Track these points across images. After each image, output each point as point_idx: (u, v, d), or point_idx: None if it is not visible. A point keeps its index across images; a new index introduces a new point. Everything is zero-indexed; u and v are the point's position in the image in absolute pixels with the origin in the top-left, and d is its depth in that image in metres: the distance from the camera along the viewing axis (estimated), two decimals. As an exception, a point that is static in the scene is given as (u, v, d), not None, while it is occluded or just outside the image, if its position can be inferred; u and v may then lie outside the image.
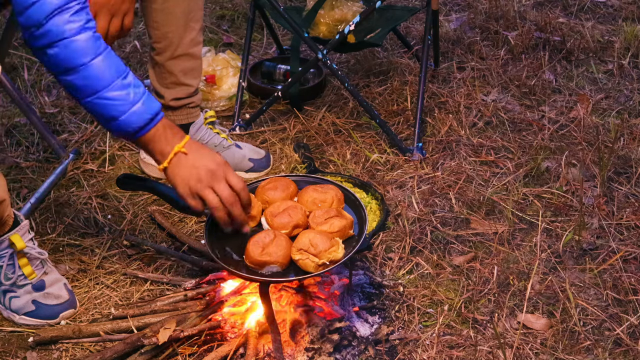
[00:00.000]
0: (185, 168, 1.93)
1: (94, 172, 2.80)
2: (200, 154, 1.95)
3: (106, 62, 1.86)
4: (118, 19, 2.13)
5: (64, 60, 1.83)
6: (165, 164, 1.93)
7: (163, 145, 1.93)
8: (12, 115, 3.07)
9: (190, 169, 1.93)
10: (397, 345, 2.08)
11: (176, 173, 1.94)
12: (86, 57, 1.84)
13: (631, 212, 2.52)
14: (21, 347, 2.14)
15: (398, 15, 3.15)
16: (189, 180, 1.93)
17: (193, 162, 1.94)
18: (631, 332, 2.11)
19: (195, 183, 1.93)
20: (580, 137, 2.88)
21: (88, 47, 1.84)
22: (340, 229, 1.98)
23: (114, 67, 1.87)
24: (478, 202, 2.59)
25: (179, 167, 1.93)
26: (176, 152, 1.93)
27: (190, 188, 1.93)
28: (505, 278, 2.29)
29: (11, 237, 2.15)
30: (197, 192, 1.93)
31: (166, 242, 2.49)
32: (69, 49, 1.82)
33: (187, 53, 2.61)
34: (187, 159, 1.94)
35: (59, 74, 1.87)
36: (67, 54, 1.83)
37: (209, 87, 3.18)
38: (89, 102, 1.87)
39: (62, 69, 1.85)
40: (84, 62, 1.83)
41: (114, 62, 1.88)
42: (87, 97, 1.86)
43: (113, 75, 1.87)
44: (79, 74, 1.84)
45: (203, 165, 1.93)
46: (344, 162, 2.81)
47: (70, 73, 1.84)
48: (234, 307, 2.13)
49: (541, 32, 3.56)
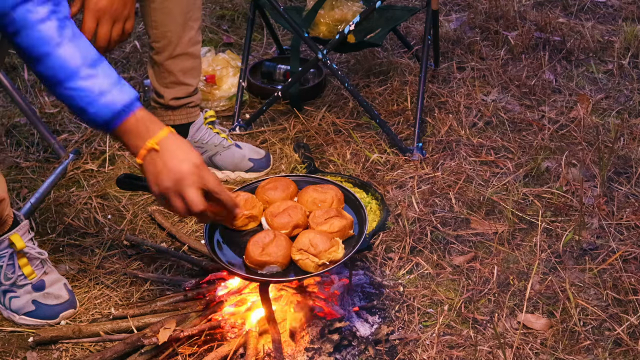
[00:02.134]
0: (156, 167, 1.81)
1: (94, 172, 2.80)
2: (173, 153, 1.81)
3: (72, 49, 1.80)
4: (120, 25, 2.13)
5: (28, 49, 1.80)
6: (139, 160, 1.83)
7: (136, 139, 1.82)
8: (12, 115, 3.07)
9: (161, 168, 1.81)
10: (397, 345, 2.08)
11: (148, 170, 1.83)
12: (48, 46, 1.79)
13: (631, 212, 2.52)
14: (21, 347, 2.14)
15: (398, 15, 3.15)
16: (158, 181, 1.81)
17: (165, 161, 1.81)
18: (631, 332, 2.11)
19: (164, 186, 1.81)
20: (580, 137, 2.88)
21: (51, 36, 1.79)
22: (340, 229, 1.98)
23: (79, 56, 1.80)
24: (478, 202, 2.59)
25: (150, 165, 1.82)
26: (148, 148, 1.81)
27: (159, 190, 1.82)
28: (505, 278, 2.29)
29: (11, 237, 2.15)
30: (164, 195, 1.82)
31: (166, 242, 2.49)
32: (32, 37, 1.79)
33: (186, 52, 2.61)
34: (159, 156, 1.81)
35: (29, 63, 1.83)
36: (30, 42, 1.79)
37: (209, 87, 3.18)
38: (59, 94, 1.82)
39: (28, 59, 1.81)
40: (47, 51, 1.79)
41: (82, 51, 1.81)
42: (56, 88, 1.81)
43: (78, 64, 1.80)
44: (44, 64, 1.80)
45: (174, 167, 1.80)
46: (344, 162, 2.81)
47: (37, 63, 1.80)
48: (234, 307, 2.13)
49: (541, 32, 3.56)
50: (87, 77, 1.80)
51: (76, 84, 1.80)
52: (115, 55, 3.52)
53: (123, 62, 3.48)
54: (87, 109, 1.81)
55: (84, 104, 1.81)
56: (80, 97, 1.80)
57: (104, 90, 1.80)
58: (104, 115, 1.81)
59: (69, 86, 1.80)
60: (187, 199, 1.80)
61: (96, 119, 1.82)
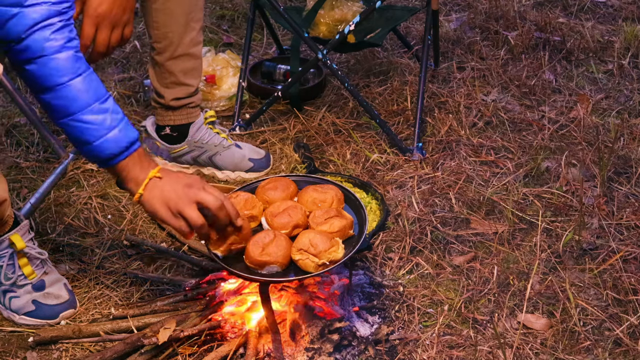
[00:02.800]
0: (162, 190, 1.85)
1: (94, 172, 2.80)
2: (174, 176, 1.88)
3: (85, 84, 1.81)
4: (119, 30, 2.13)
5: (41, 78, 1.79)
6: (141, 191, 1.85)
7: (137, 173, 1.86)
8: (12, 115, 3.07)
9: (167, 189, 1.85)
10: (397, 345, 2.08)
11: (153, 196, 1.85)
12: (64, 77, 1.79)
13: (631, 212, 2.52)
14: (21, 347, 2.14)
15: (398, 15, 3.15)
16: (168, 200, 1.84)
17: (169, 183, 1.86)
18: (631, 332, 2.11)
19: (175, 202, 1.84)
20: (580, 137, 2.88)
21: (67, 67, 1.79)
22: (340, 229, 1.98)
23: (92, 90, 1.82)
24: (478, 202, 2.59)
25: (155, 190, 1.85)
26: (151, 177, 1.86)
27: (170, 208, 1.85)
28: (505, 278, 2.29)
29: (11, 237, 2.15)
30: (178, 210, 1.84)
31: (166, 242, 2.49)
32: (47, 67, 1.78)
33: (187, 53, 2.61)
34: (163, 182, 1.86)
35: (37, 92, 1.82)
36: (44, 72, 1.78)
37: (209, 87, 3.18)
38: (64, 124, 1.83)
39: (38, 87, 1.81)
40: (62, 82, 1.79)
41: (94, 85, 1.83)
42: (63, 119, 1.82)
43: (91, 98, 1.81)
44: (56, 94, 1.80)
45: (179, 183, 1.86)
46: (344, 162, 2.81)
47: (47, 92, 1.80)
48: (234, 307, 2.13)
49: (541, 32, 3.56)
50: (98, 111, 1.82)
51: (88, 117, 1.82)
52: (115, 55, 3.52)
53: (123, 62, 3.49)
54: (93, 142, 1.83)
55: (91, 137, 1.83)
56: (89, 130, 1.82)
57: (114, 126, 1.84)
58: (109, 150, 1.84)
59: (79, 118, 1.82)
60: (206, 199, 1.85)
61: (99, 154, 1.84)
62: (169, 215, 1.85)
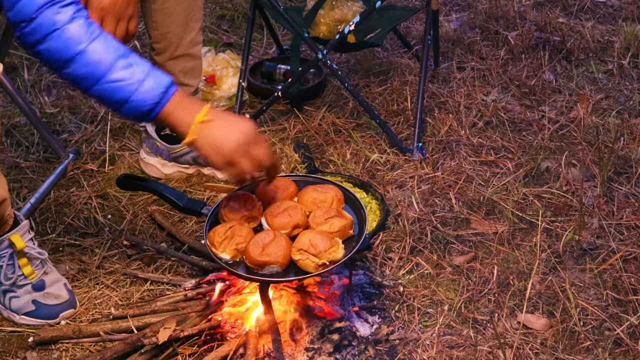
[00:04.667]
0: (216, 136, 1.84)
1: (94, 172, 2.80)
2: (226, 119, 1.86)
3: (103, 45, 1.82)
4: (124, 24, 2.13)
5: (59, 52, 1.80)
6: (192, 136, 1.84)
7: (184, 116, 1.84)
8: (12, 115, 3.07)
9: (220, 136, 1.85)
10: (397, 345, 2.08)
11: (206, 143, 1.85)
12: (82, 44, 1.80)
13: (631, 212, 2.52)
14: (21, 347, 2.14)
15: (398, 15, 3.15)
16: (223, 148, 1.84)
17: (223, 128, 1.85)
18: (631, 332, 2.11)
19: (230, 150, 1.84)
20: (580, 137, 2.88)
21: (82, 34, 1.80)
22: (340, 229, 1.98)
23: (112, 49, 1.82)
24: (478, 202, 2.59)
25: (207, 137, 1.84)
26: (201, 120, 1.84)
27: (224, 157, 1.85)
28: (505, 278, 2.29)
29: (11, 237, 2.15)
30: (232, 160, 1.85)
31: (166, 242, 2.49)
32: (62, 39, 1.79)
33: (187, 53, 2.61)
34: (214, 126, 1.85)
35: (59, 69, 1.83)
36: (60, 44, 1.79)
37: (209, 87, 3.18)
38: (97, 90, 1.82)
39: (61, 62, 1.81)
40: (80, 50, 1.80)
41: (112, 44, 1.83)
42: (94, 86, 1.82)
43: (112, 57, 1.82)
44: (78, 63, 1.80)
45: (232, 129, 1.85)
46: (344, 162, 2.81)
47: (70, 64, 1.81)
48: (234, 307, 2.13)
49: (541, 32, 3.56)
50: (125, 66, 1.82)
51: (116, 75, 1.81)
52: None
53: (123, 62, 3.48)
54: (130, 98, 1.81)
55: (127, 93, 1.81)
56: (122, 87, 1.81)
57: (144, 77, 1.83)
58: (149, 100, 1.82)
59: (108, 79, 1.81)
60: (260, 154, 1.87)
61: (141, 107, 1.83)
62: (222, 163, 1.86)
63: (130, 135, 2.99)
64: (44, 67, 3.36)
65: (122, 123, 3.04)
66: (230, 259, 1.95)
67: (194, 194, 2.69)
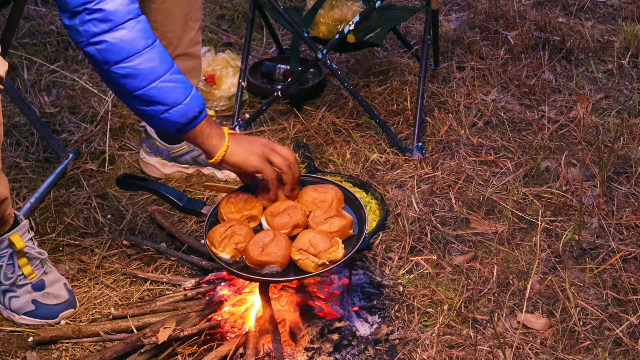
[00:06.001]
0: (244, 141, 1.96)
1: (94, 172, 2.80)
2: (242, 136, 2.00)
3: (162, 45, 1.85)
4: None
5: (130, 43, 1.78)
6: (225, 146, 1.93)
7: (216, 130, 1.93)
8: (12, 115, 3.07)
9: (247, 142, 1.96)
10: (397, 345, 2.08)
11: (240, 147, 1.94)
12: (150, 39, 1.80)
13: (631, 212, 2.52)
14: (21, 347, 2.15)
15: (398, 15, 3.15)
16: (254, 150, 1.95)
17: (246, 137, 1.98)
18: (631, 332, 2.11)
19: (261, 149, 1.95)
20: (580, 137, 2.88)
21: (149, 29, 1.81)
22: (340, 229, 1.98)
23: (167, 52, 1.86)
24: (478, 202, 2.59)
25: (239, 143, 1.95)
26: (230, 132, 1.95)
27: (259, 155, 1.95)
28: (505, 278, 2.29)
29: (11, 237, 2.15)
30: (266, 156, 1.95)
31: (166, 242, 2.49)
32: (135, 30, 1.78)
33: (187, 53, 2.61)
34: (239, 136, 1.97)
35: (119, 62, 1.79)
36: (133, 36, 1.77)
37: (209, 87, 3.18)
38: (153, 89, 1.81)
39: (124, 55, 1.78)
40: (149, 44, 1.80)
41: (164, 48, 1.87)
42: (152, 83, 1.81)
43: (170, 58, 1.85)
44: (145, 57, 1.79)
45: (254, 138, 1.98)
46: (344, 162, 2.81)
47: (136, 57, 1.79)
48: (234, 307, 2.13)
49: (541, 32, 3.56)
50: (179, 71, 1.86)
51: (176, 76, 1.84)
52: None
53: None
54: (184, 101, 1.84)
55: (182, 95, 1.84)
56: (179, 89, 1.84)
57: (192, 85, 1.88)
58: (196, 107, 1.87)
59: (168, 79, 1.82)
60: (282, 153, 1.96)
61: (188, 112, 1.86)
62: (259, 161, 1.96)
63: (130, 135, 2.99)
64: (44, 67, 3.36)
65: (122, 123, 3.04)
66: (230, 259, 1.95)
67: (194, 194, 2.69)
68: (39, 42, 3.62)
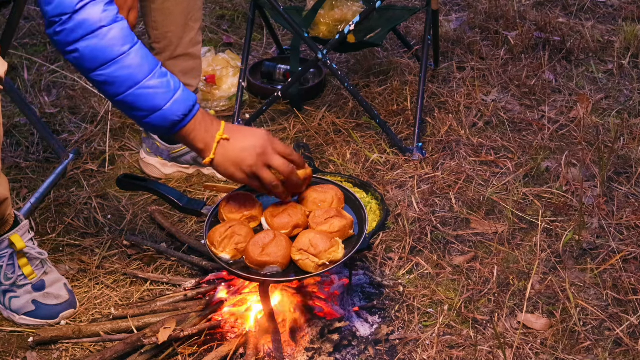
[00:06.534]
0: (234, 153, 1.89)
1: (94, 172, 2.80)
2: (242, 135, 1.90)
3: (143, 50, 1.82)
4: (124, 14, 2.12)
5: (102, 51, 1.77)
6: (212, 156, 1.89)
7: (203, 135, 1.88)
8: (12, 115, 3.07)
9: (238, 153, 1.89)
10: (397, 345, 2.08)
11: (226, 160, 1.89)
12: (126, 45, 1.79)
13: (631, 212, 2.52)
14: (21, 347, 2.15)
15: (398, 15, 3.15)
16: (242, 164, 1.89)
17: (238, 145, 1.89)
18: (631, 332, 2.11)
19: (249, 165, 1.89)
20: (580, 137, 2.88)
21: (126, 35, 1.79)
22: (340, 229, 1.98)
23: (150, 56, 1.83)
24: (478, 202, 2.59)
25: (227, 155, 1.89)
26: (218, 140, 1.88)
27: (245, 172, 1.90)
28: (505, 278, 2.29)
29: (11, 237, 2.15)
30: (253, 173, 1.90)
31: (166, 242, 2.49)
32: (107, 37, 1.77)
33: (187, 53, 2.61)
34: (232, 144, 1.89)
35: (94, 69, 1.80)
36: (104, 43, 1.77)
37: (209, 87, 3.18)
38: (130, 95, 1.81)
39: (99, 63, 1.79)
40: (125, 51, 1.78)
41: (148, 51, 1.84)
42: (129, 90, 1.80)
43: (152, 63, 1.82)
44: (120, 64, 1.79)
45: (250, 146, 1.89)
46: (344, 162, 2.81)
47: (110, 65, 1.78)
48: (234, 307, 2.13)
49: (541, 32, 3.56)
50: (161, 74, 1.83)
51: (155, 81, 1.81)
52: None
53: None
54: (164, 106, 1.82)
55: (162, 100, 1.82)
56: (157, 94, 1.81)
57: (177, 87, 1.85)
58: (178, 111, 1.84)
59: (147, 85, 1.81)
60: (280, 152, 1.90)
61: (170, 116, 1.83)
62: (244, 177, 1.91)
63: (130, 135, 2.99)
64: (44, 67, 3.36)
65: (122, 123, 3.04)
66: (230, 259, 1.95)
67: (194, 194, 2.69)
68: (39, 42, 3.63)
